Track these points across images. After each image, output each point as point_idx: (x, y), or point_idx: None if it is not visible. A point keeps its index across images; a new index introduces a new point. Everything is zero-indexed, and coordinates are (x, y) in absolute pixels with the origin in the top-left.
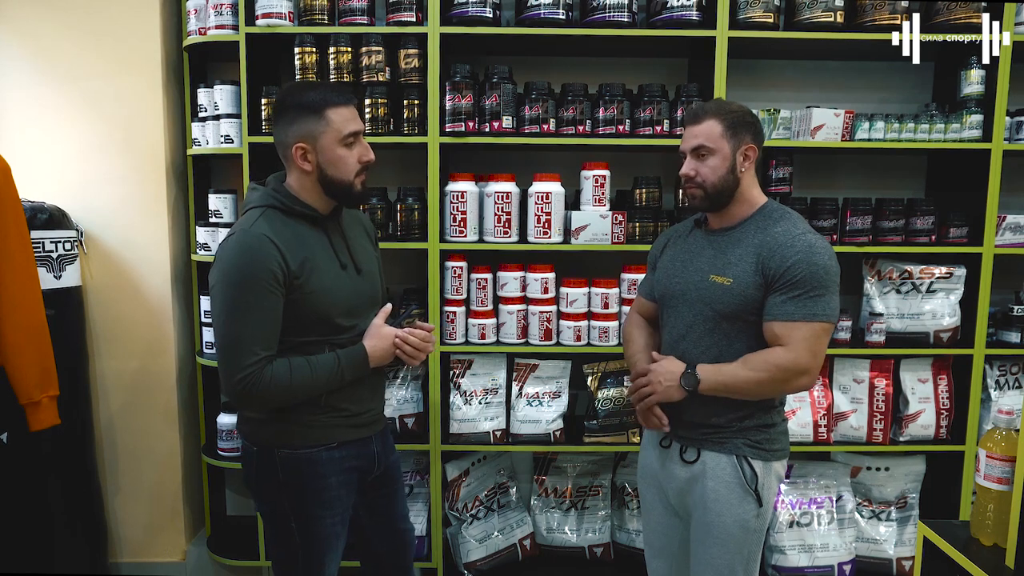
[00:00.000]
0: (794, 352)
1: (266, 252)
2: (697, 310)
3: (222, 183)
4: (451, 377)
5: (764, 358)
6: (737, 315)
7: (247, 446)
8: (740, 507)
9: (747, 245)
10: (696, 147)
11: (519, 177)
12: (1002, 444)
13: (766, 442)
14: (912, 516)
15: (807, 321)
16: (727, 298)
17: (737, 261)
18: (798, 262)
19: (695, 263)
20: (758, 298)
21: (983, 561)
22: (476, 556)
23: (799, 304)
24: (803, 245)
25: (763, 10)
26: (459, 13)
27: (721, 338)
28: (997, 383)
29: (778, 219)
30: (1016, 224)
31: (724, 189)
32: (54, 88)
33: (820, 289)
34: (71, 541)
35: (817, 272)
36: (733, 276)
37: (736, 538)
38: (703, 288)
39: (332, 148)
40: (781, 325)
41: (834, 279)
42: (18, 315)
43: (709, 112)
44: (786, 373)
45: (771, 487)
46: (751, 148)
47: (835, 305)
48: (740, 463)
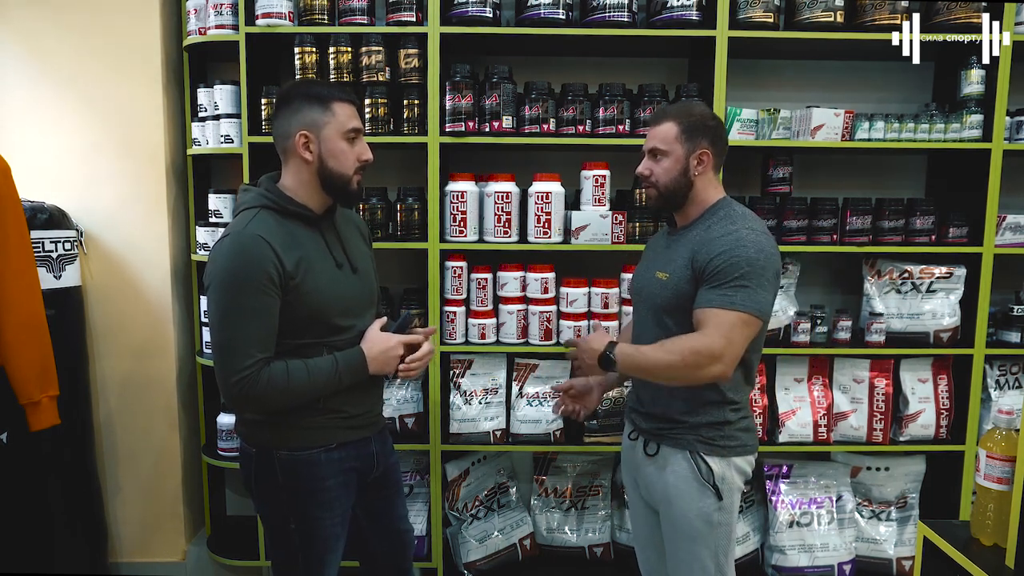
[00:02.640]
0: (708, 337)
1: (261, 253)
2: (648, 307)
3: (222, 183)
4: (451, 377)
5: (679, 341)
6: (673, 308)
7: (245, 447)
8: (700, 501)
9: (688, 242)
10: (651, 148)
11: (519, 177)
12: (1002, 444)
13: (720, 439)
14: (912, 516)
15: (724, 308)
16: (664, 292)
17: (677, 257)
18: (722, 253)
19: (654, 263)
20: (690, 292)
21: (983, 561)
22: (476, 556)
23: (719, 292)
24: (732, 239)
25: (763, 10)
26: (459, 13)
27: (663, 332)
28: (997, 383)
29: (722, 217)
30: (1016, 224)
31: (676, 190)
32: (54, 88)
33: (742, 280)
34: (71, 541)
35: (738, 263)
36: (671, 271)
37: (700, 531)
38: (651, 285)
39: (335, 140)
40: (701, 311)
41: (759, 272)
42: (18, 315)
43: (669, 115)
44: (698, 357)
45: (732, 481)
46: (705, 153)
47: (761, 299)
48: (695, 459)
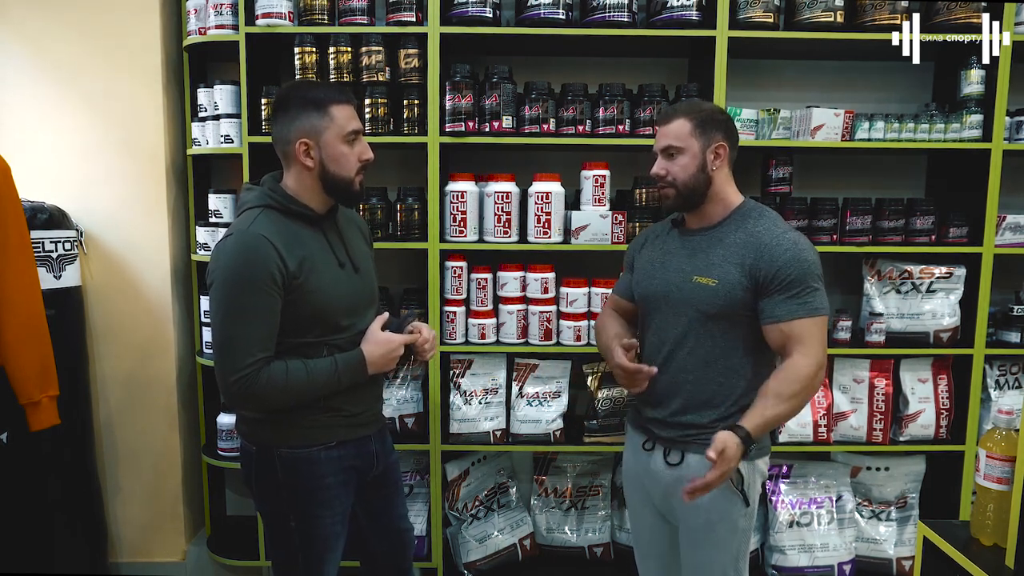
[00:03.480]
0: (811, 353)
1: (264, 253)
2: (683, 312)
3: (222, 183)
4: (451, 377)
5: (789, 378)
6: (723, 315)
7: (246, 446)
8: (728, 508)
9: (729, 245)
10: (666, 147)
11: (519, 177)
12: (1002, 444)
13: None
14: (912, 516)
15: (811, 316)
16: (713, 299)
17: (720, 262)
18: (789, 261)
19: (673, 263)
20: (745, 299)
21: (983, 561)
22: (476, 556)
23: (799, 302)
24: (789, 243)
25: (763, 10)
26: (459, 13)
27: (710, 339)
28: (997, 383)
29: (757, 218)
30: (1016, 224)
31: (696, 187)
32: (54, 88)
33: (815, 283)
34: (71, 541)
35: (809, 268)
36: (717, 277)
37: (724, 539)
38: (686, 290)
39: (335, 144)
40: (787, 325)
41: (820, 273)
42: (18, 315)
43: (679, 112)
44: (814, 379)
45: (756, 485)
46: (722, 146)
47: (825, 296)
48: None
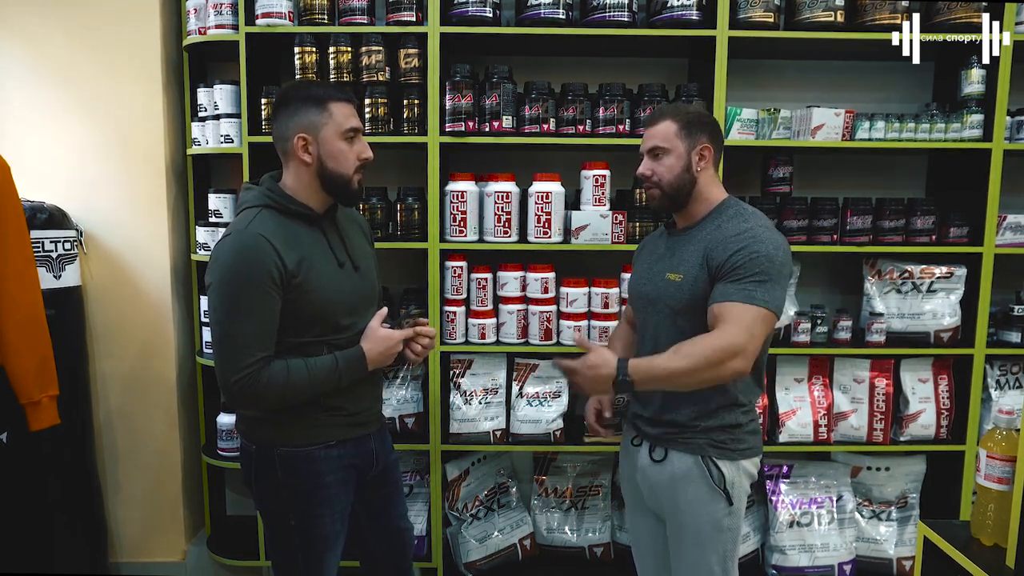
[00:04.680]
0: (728, 332)
1: (263, 252)
2: (659, 310)
3: (222, 183)
4: (451, 377)
5: (696, 343)
6: (688, 309)
7: (246, 444)
8: (711, 507)
9: (699, 241)
10: (652, 148)
11: (519, 177)
12: (1002, 444)
13: (731, 442)
14: (912, 516)
15: (744, 303)
16: (678, 294)
17: (688, 257)
18: (740, 250)
19: (659, 265)
20: (705, 292)
21: (983, 561)
22: (476, 556)
23: (738, 287)
24: (748, 236)
25: (763, 10)
26: (459, 13)
27: (679, 334)
28: (997, 383)
29: (732, 216)
30: (1016, 224)
31: (681, 187)
32: (54, 88)
33: (762, 275)
34: (71, 541)
35: (758, 259)
36: (683, 272)
37: (710, 537)
38: (661, 287)
39: (333, 141)
40: (718, 306)
41: (779, 269)
42: (18, 315)
43: (666, 114)
44: (719, 354)
45: (741, 485)
46: (707, 147)
47: (778, 295)
48: (706, 463)
